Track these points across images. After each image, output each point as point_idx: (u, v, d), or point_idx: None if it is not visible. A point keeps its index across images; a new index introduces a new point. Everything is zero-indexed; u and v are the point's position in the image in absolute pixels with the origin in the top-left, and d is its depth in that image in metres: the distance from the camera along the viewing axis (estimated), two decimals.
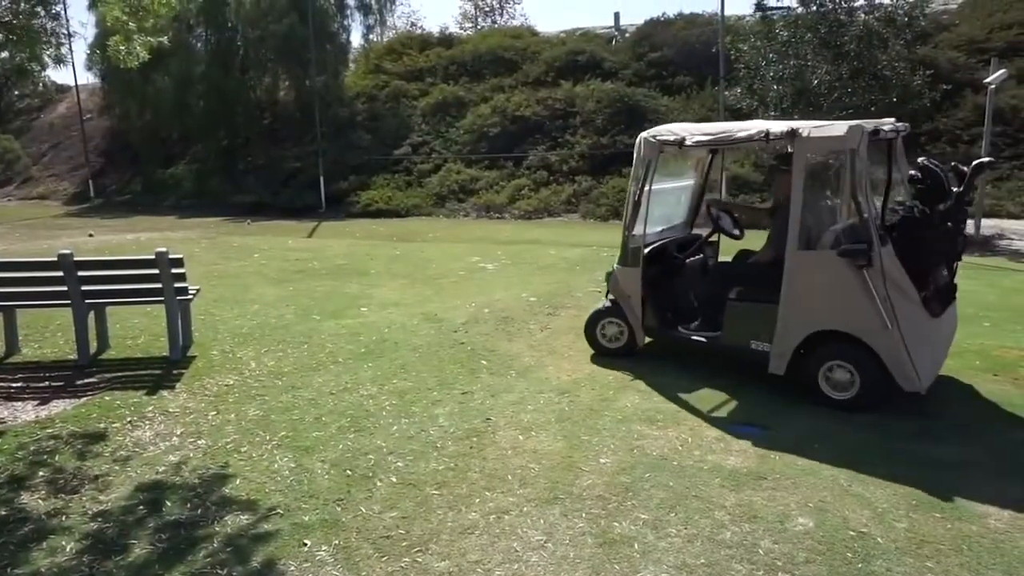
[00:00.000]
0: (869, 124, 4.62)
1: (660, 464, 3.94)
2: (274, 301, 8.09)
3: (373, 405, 4.87)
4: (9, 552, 3.19)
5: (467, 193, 18.83)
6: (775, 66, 15.04)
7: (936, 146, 16.15)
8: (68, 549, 3.20)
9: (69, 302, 5.72)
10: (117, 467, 4.01)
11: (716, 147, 5.77)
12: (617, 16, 26.36)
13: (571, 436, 4.32)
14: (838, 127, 4.54)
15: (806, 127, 4.62)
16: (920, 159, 4.81)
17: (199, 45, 24.59)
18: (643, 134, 5.39)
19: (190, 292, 6.10)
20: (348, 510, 3.50)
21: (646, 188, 5.33)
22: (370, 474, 3.87)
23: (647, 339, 5.73)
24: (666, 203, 6.15)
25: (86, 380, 5.47)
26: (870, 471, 3.82)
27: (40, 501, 3.64)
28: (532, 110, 20.23)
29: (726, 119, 17.32)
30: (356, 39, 27.62)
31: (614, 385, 5.17)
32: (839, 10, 14.54)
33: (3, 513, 3.52)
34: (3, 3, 5.29)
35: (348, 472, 3.89)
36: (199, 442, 4.32)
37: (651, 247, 5.59)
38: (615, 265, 5.67)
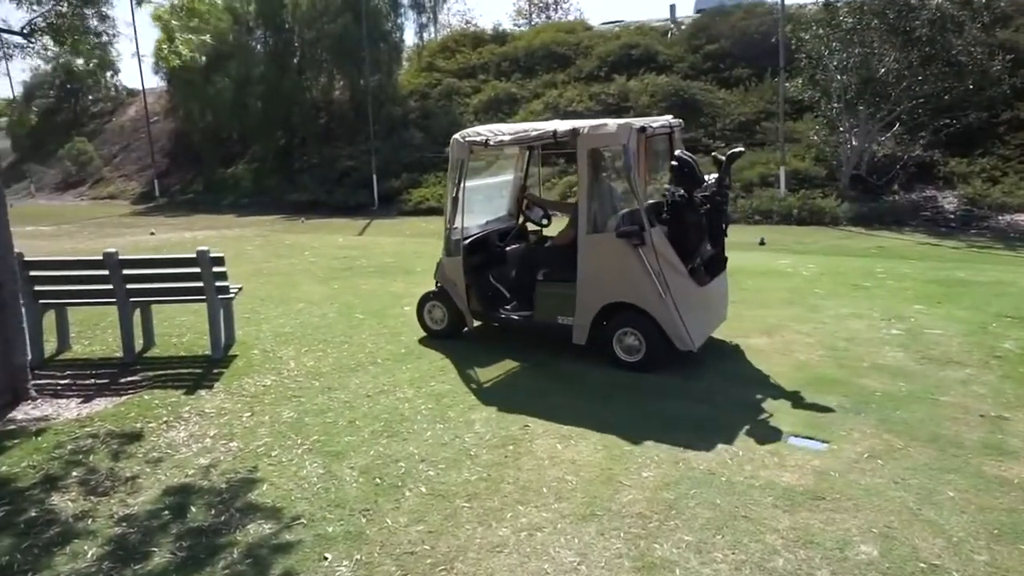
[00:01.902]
0: (638, 122, 5.22)
1: (707, 479, 3.66)
2: (319, 300, 8.08)
3: (409, 409, 4.73)
4: (32, 555, 3.15)
5: None
6: (839, 55, 14.38)
7: (1017, 136, 15.15)
8: (90, 555, 3.15)
9: (115, 300, 5.79)
10: (148, 469, 3.97)
11: (517, 145, 6.03)
12: (673, 8, 25.81)
13: (612, 446, 4.07)
14: (611, 125, 5.13)
15: (585, 126, 5.21)
16: (676, 151, 5.45)
17: (257, 47, 25.15)
18: (455, 136, 5.85)
19: (231, 291, 6.08)
20: (373, 522, 3.35)
21: (461, 185, 5.74)
22: (399, 483, 3.71)
23: (476, 322, 6.13)
24: (490, 197, 6.71)
25: (129, 378, 5.51)
26: (944, 494, 3.45)
27: (70, 503, 3.61)
28: (585, 105, 19.91)
29: (786, 111, 16.66)
30: (410, 38, 27.78)
31: (659, 391, 4.89)
32: None
33: (33, 514, 3.51)
34: (48, 5, 5.35)
35: (377, 480, 3.75)
36: (231, 444, 4.26)
37: (471, 238, 6.02)
38: (442, 255, 6.05)
